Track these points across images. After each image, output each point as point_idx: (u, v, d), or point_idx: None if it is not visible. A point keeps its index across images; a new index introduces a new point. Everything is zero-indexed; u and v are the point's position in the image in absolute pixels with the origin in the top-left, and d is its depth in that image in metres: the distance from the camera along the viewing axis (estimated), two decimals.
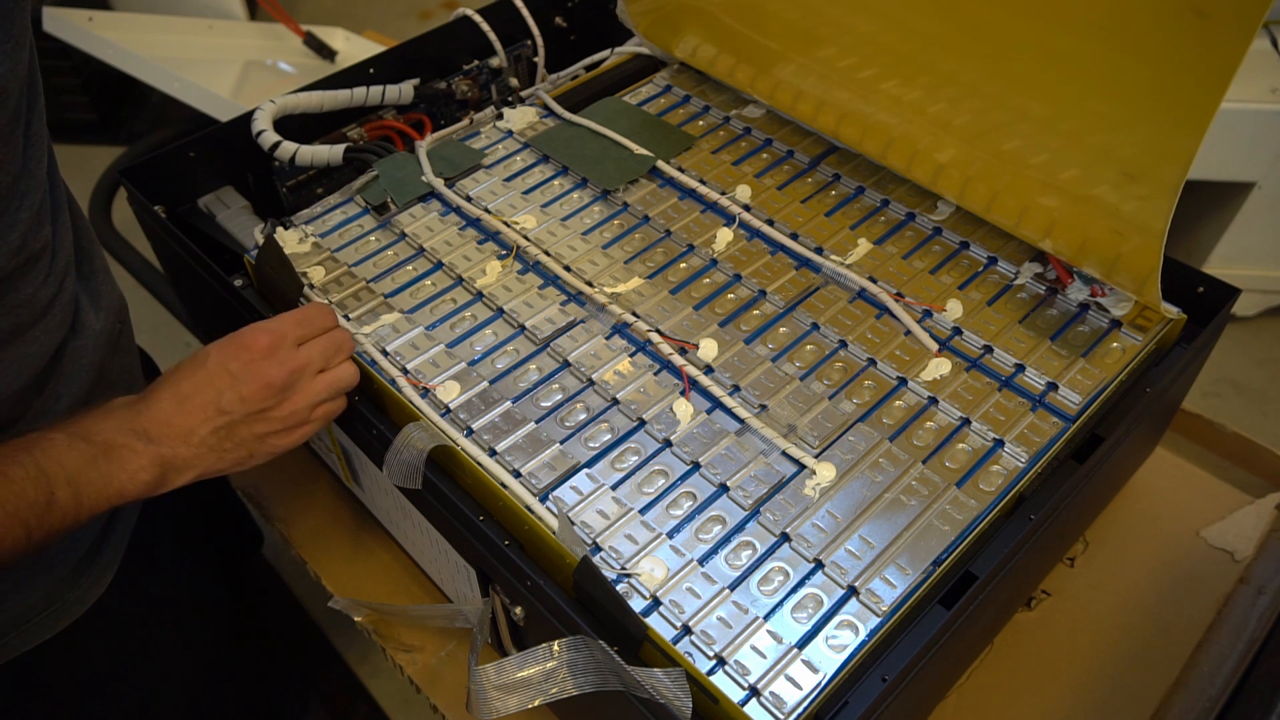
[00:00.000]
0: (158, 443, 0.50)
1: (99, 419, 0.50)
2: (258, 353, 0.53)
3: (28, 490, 0.45)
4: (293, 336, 0.55)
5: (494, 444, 0.57)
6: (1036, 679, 0.66)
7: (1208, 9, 0.47)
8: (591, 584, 0.49)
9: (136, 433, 0.50)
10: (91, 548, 0.61)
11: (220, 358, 0.53)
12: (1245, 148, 1.41)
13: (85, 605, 0.61)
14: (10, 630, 0.58)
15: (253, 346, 0.53)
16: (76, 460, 0.47)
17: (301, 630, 1.27)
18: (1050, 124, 0.59)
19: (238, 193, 0.80)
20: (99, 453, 0.48)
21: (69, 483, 0.46)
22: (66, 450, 0.47)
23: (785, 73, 0.75)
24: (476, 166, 0.76)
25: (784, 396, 0.60)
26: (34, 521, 0.45)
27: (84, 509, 0.48)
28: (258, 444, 0.54)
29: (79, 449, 0.48)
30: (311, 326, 0.56)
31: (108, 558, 0.63)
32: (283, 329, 0.55)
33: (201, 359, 0.54)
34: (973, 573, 0.52)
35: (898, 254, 0.68)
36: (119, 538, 0.64)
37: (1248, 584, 0.70)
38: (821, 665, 0.48)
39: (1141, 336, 0.62)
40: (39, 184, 0.51)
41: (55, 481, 0.46)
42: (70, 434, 0.48)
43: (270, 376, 0.53)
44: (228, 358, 0.53)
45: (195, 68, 1.45)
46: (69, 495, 0.46)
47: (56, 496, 0.46)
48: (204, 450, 0.52)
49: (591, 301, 0.66)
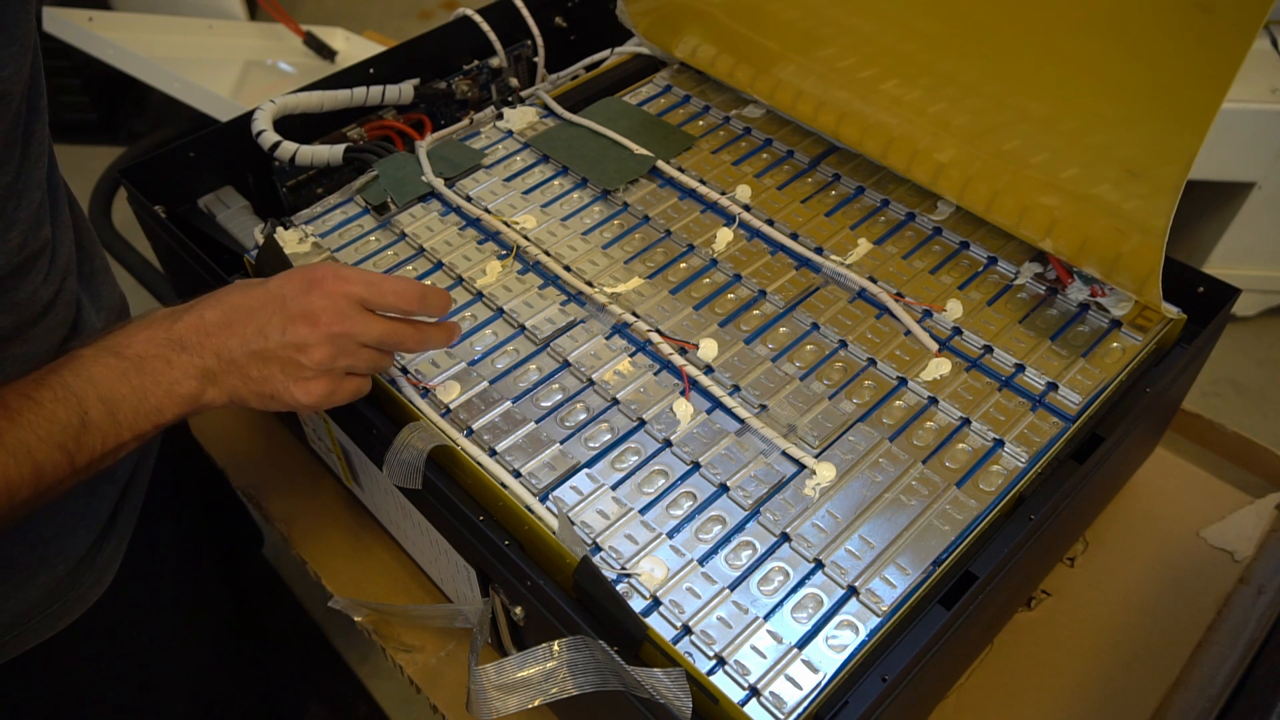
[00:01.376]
0: (193, 352, 0.48)
1: (132, 331, 0.47)
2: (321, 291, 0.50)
3: (58, 411, 0.43)
4: (360, 295, 0.51)
5: (494, 444, 0.57)
6: (1036, 679, 0.66)
7: (1212, 3, 0.47)
8: (591, 584, 0.49)
9: (171, 342, 0.47)
10: (92, 546, 0.61)
11: (280, 283, 0.50)
12: (1245, 148, 1.42)
13: (86, 604, 0.61)
14: (12, 629, 0.58)
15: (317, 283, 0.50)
16: (107, 376, 0.45)
17: (301, 630, 1.27)
18: (1051, 123, 0.59)
19: (238, 193, 0.80)
20: (130, 366, 0.46)
21: (101, 400, 0.44)
22: (94, 365, 0.45)
23: (785, 73, 0.75)
24: (476, 166, 0.76)
25: (784, 396, 0.60)
26: (71, 444, 0.43)
27: (124, 428, 0.45)
28: (281, 385, 0.50)
29: (108, 363, 0.45)
30: (382, 298, 0.52)
31: (108, 556, 0.62)
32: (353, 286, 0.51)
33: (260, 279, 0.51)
34: (973, 573, 0.52)
35: (898, 254, 0.68)
36: (120, 536, 0.64)
37: (1248, 584, 0.70)
38: (821, 665, 0.48)
39: (1141, 336, 0.62)
40: (38, 183, 0.51)
41: (86, 400, 0.44)
42: (99, 348, 0.46)
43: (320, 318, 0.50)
44: (288, 286, 0.50)
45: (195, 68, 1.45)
46: (103, 414, 0.44)
47: (90, 416, 0.44)
48: (234, 370, 0.49)
49: (591, 301, 0.66)
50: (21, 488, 0.41)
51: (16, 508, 0.42)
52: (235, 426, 0.86)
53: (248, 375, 0.49)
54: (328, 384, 0.51)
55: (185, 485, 0.79)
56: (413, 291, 0.53)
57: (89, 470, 0.45)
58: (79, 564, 0.60)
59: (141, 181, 0.75)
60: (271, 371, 0.50)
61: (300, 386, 0.51)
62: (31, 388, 0.43)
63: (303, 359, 0.50)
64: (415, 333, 0.54)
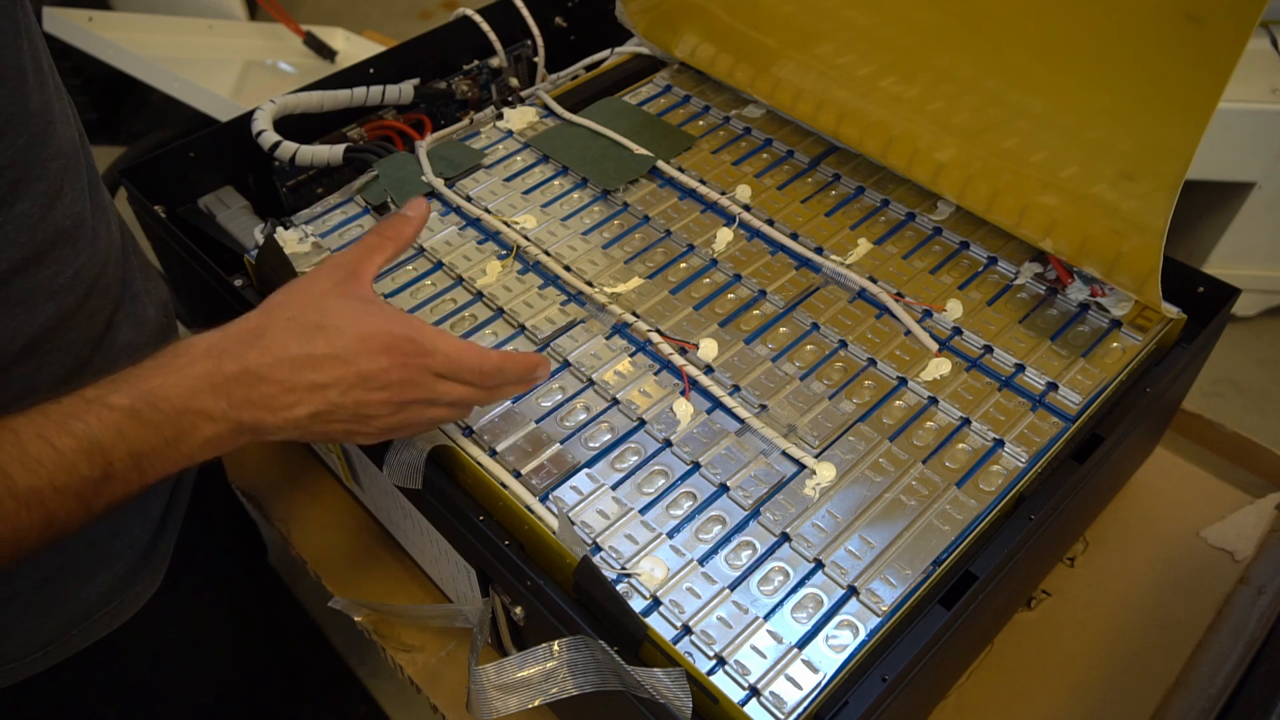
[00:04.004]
0: (240, 409, 0.44)
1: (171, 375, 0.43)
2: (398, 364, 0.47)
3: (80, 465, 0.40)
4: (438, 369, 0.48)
5: (494, 444, 0.57)
6: (1036, 679, 0.66)
7: (1201, 14, 0.47)
8: (591, 584, 0.49)
9: (215, 393, 0.43)
10: (149, 544, 0.61)
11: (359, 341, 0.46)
12: (1245, 148, 1.42)
13: (141, 602, 0.62)
14: (70, 628, 0.58)
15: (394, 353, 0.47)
16: (139, 430, 0.42)
17: (302, 630, 1.27)
18: (1049, 119, 0.59)
19: (238, 193, 0.80)
20: (165, 420, 0.42)
21: (130, 454, 0.42)
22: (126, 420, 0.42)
23: (784, 71, 0.75)
24: (476, 166, 0.76)
25: (784, 396, 0.60)
26: (90, 494, 0.41)
27: (149, 475, 0.43)
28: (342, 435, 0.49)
29: (143, 416, 0.42)
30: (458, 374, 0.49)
31: (161, 554, 0.63)
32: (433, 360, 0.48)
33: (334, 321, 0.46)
34: (973, 573, 0.52)
35: (898, 254, 0.68)
36: (171, 534, 0.64)
37: (1248, 584, 0.70)
38: (821, 665, 0.48)
39: (1141, 336, 0.62)
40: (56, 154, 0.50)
41: (113, 454, 0.41)
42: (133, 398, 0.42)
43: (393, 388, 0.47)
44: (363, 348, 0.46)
45: (195, 68, 1.45)
46: (129, 465, 0.42)
47: (114, 468, 0.41)
48: (291, 426, 0.46)
49: (591, 301, 0.66)
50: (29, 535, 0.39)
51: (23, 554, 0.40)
52: None
53: (308, 431, 0.47)
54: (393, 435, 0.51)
55: (221, 487, 0.80)
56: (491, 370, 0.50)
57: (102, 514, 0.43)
58: (136, 562, 0.61)
59: (141, 181, 0.75)
60: (333, 430, 0.48)
61: (361, 439, 0.50)
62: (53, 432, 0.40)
63: (369, 423, 0.48)
64: (488, 396, 0.52)
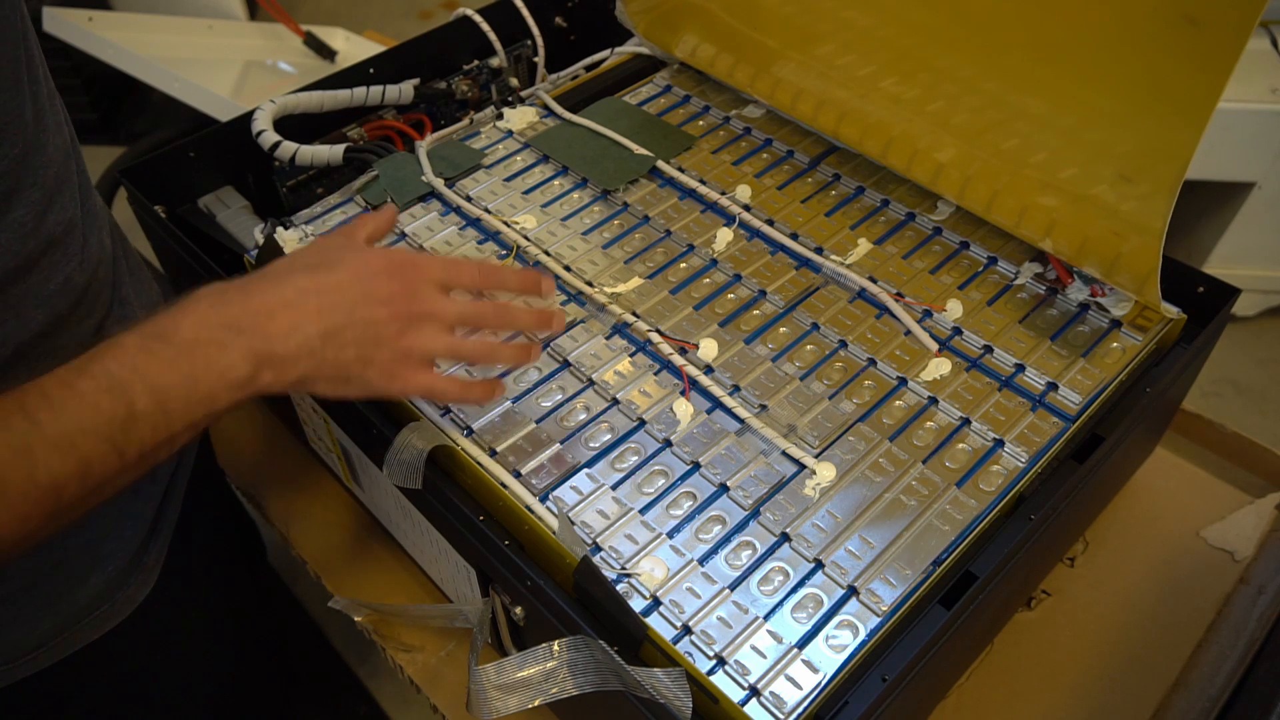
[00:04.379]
0: (250, 335, 0.44)
1: (178, 314, 0.44)
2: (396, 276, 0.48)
3: (102, 402, 0.40)
4: (438, 277, 0.50)
5: (494, 444, 0.57)
6: (1036, 679, 0.66)
7: (1199, 17, 0.47)
8: (591, 584, 0.49)
9: (225, 325, 0.44)
10: (141, 545, 0.61)
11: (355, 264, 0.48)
12: (1245, 148, 1.42)
13: (133, 605, 0.62)
14: (63, 630, 0.58)
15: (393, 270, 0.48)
16: (154, 364, 0.42)
17: (302, 630, 1.27)
18: (1048, 120, 0.59)
19: (238, 193, 0.80)
20: (179, 352, 0.42)
21: (149, 391, 0.41)
22: (140, 354, 0.42)
23: (784, 71, 0.75)
24: (476, 166, 0.76)
25: (784, 396, 0.60)
26: (119, 437, 0.40)
27: (175, 418, 0.42)
28: (359, 368, 0.48)
29: (155, 351, 0.42)
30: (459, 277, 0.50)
31: (154, 556, 0.63)
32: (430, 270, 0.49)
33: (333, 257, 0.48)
34: (973, 573, 0.52)
35: (898, 254, 0.68)
36: (164, 536, 0.64)
37: (1248, 584, 0.70)
38: (821, 665, 0.48)
39: (1141, 336, 0.62)
40: (52, 163, 0.50)
41: (132, 390, 0.41)
42: (144, 335, 0.43)
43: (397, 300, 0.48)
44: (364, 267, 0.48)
45: (195, 68, 1.44)
46: (151, 404, 0.41)
47: (137, 407, 0.41)
48: (305, 352, 0.46)
49: (591, 301, 0.66)
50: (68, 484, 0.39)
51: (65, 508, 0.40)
52: (235, 427, 0.86)
53: (322, 358, 0.47)
54: (405, 369, 0.49)
55: (216, 488, 0.80)
56: (490, 269, 0.52)
57: (140, 465, 0.42)
58: (128, 564, 0.60)
59: (141, 181, 0.75)
60: (346, 356, 0.47)
61: (375, 371, 0.48)
62: (73, 376, 0.40)
63: (380, 346, 0.48)
64: (497, 312, 0.52)
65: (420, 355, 0.49)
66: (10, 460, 0.38)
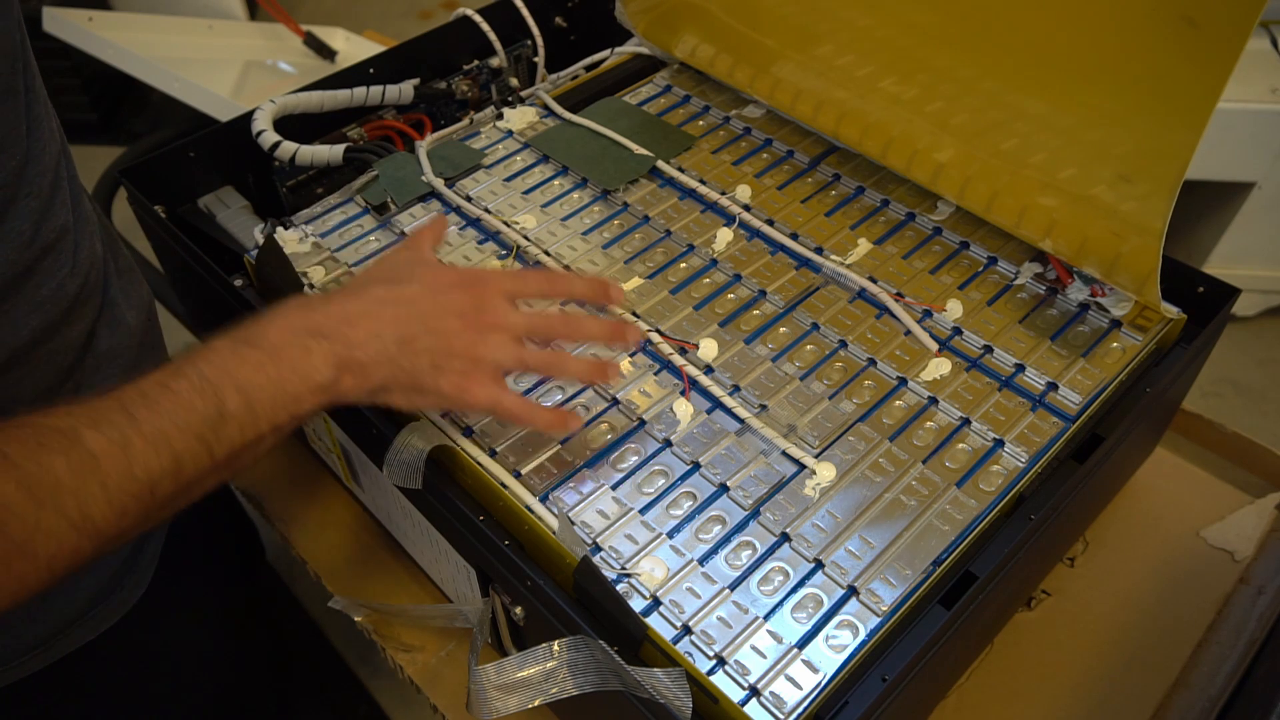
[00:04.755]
0: (333, 340, 0.47)
1: (265, 322, 0.47)
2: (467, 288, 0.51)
3: (195, 401, 0.42)
4: (507, 289, 0.52)
5: (494, 444, 0.57)
6: (1036, 679, 0.66)
7: (1198, 18, 0.47)
8: (591, 584, 0.49)
9: (309, 331, 0.47)
10: (134, 548, 0.61)
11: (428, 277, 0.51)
12: (1245, 148, 1.42)
13: (128, 606, 0.62)
14: (57, 633, 0.58)
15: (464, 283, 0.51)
16: (243, 366, 0.44)
17: (301, 630, 1.27)
18: (1048, 121, 0.59)
19: (238, 193, 0.80)
20: (266, 356, 0.45)
21: (238, 391, 0.43)
22: (230, 356, 0.44)
23: (784, 71, 0.75)
24: (476, 166, 0.76)
25: (784, 396, 0.60)
26: (210, 435, 0.42)
27: (261, 419, 0.44)
28: (432, 378, 0.50)
29: (244, 354, 0.44)
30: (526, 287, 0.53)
31: (148, 558, 0.63)
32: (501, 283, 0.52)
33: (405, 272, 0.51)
34: (973, 573, 0.52)
35: (898, 254, 0.68)
36: (157, 538, 0.64)
37: (1248, 584, 0.70)
38: (821, 665, 0.48)
39: (1141, 336, 0.62)
40: (47, 171, 0.50)
41: (223, 390, 0.43)
42: (234, 339, 0.45)
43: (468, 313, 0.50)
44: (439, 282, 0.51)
45: (195, 68, 1.44)
46: (240, 404, 0.43)
47: (227, 406, 0.43)
48: (384, 358, 0.48)
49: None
50: (163, 480, 0.41)
51: (161, 503, 0.41)
52: None
53: (398, 365, 0.49)
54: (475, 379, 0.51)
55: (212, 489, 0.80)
56: (556, 275, 0.55)
57: (229, 466, 0.44)
58: (122, 566, 0.61)
59: (141, 181, 0.75)
60: (421, 364, 0.49)
61: (447, 379, 0.50)
62: (168, 377, 0.42)
63: (453, 350, 0.50)
64: (565, 322, 0.55)
65: (490, 365, 0.51)
66: (111, 454, 0.39)
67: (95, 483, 0.38)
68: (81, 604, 0.59)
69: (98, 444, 0.39)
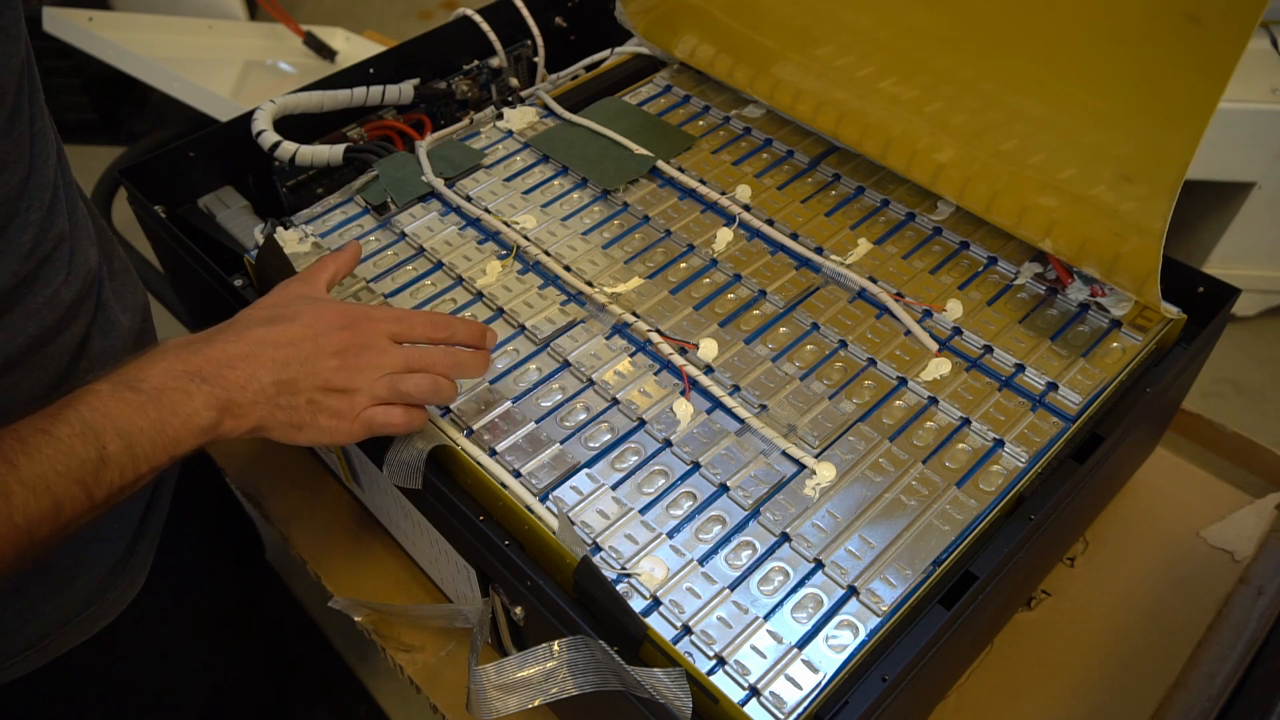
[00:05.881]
0: (213, 383, 0.47)
1: (146, 364, 0.47)
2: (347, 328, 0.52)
3: (76, 447, 0.42)
4: (390, 330, 0.53)
5: (494, 444, 0.57)
6: (1036, 679, 0.66)
7: (1201, 15, 0.47)
8: (591, 584, 0.49)
9: (189, 374, 0.47)
10: (127, 548, 0.61)
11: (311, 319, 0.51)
12: (1245, 148, 1.41)
13: (121, 606, 0.62)
14: (51, 632, 0.58)
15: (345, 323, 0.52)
16: (124, 410, 0.44)
17: (301, 630, 1.27)
18: (1047, 122, 0.59)
19: (238, 193, 0.80)
20: (147, 400, 0.45)
21: (119, 435, 0.44)
22: (112, 401, 0.45)
23: (784, 72, 0.75)
24: (476, 166, 0.76)
25: (784, 396, 0.60)
26: (90, 479, 0.43)
27: (141, 461, 0.45)
28: (310, 415, 0.51)
29: (125, 398, 0.45)
30: (411, 330, 0.54)
31: (141, 558, 0.63)
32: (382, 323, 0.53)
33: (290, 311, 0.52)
34: (973, 573, 0.52)
35: (898, 254, 0.68)
36: (151, 538, 0.64)
37: (1248, 584, 0.70)
38: (821, 665, 0.48)
39: (1141, 336, 0.62)
40: (47, 183, 0.51)
41: (104, 435, 0.43)
42: (115, 383, 0.46)
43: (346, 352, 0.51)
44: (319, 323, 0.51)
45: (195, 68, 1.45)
46: (121, 448, 0.44)
47: (108, 450, 0.43)
48: (261, 400, 0.49)
49: (591, 301, 0.66)
50: (41, 524, 0.41)
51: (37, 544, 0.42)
52: None
53: (276, 404, 0.49)
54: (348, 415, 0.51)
55: (206, 489, 0.80)
56: (440, 320, 0.55)
57: (106, 505, 0.44)
58: (115, 566, 0.61)
59: (141, 181, 0.75)
60: (298, 403, 0.50)
61: (325, 416, 0.51)
62: (48, 423, 0.43)
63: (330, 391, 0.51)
64: (445, 357, 0.54)
65: (366, 396, 0.52)
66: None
67: None
68: (76, 604, 0.59)
69: None
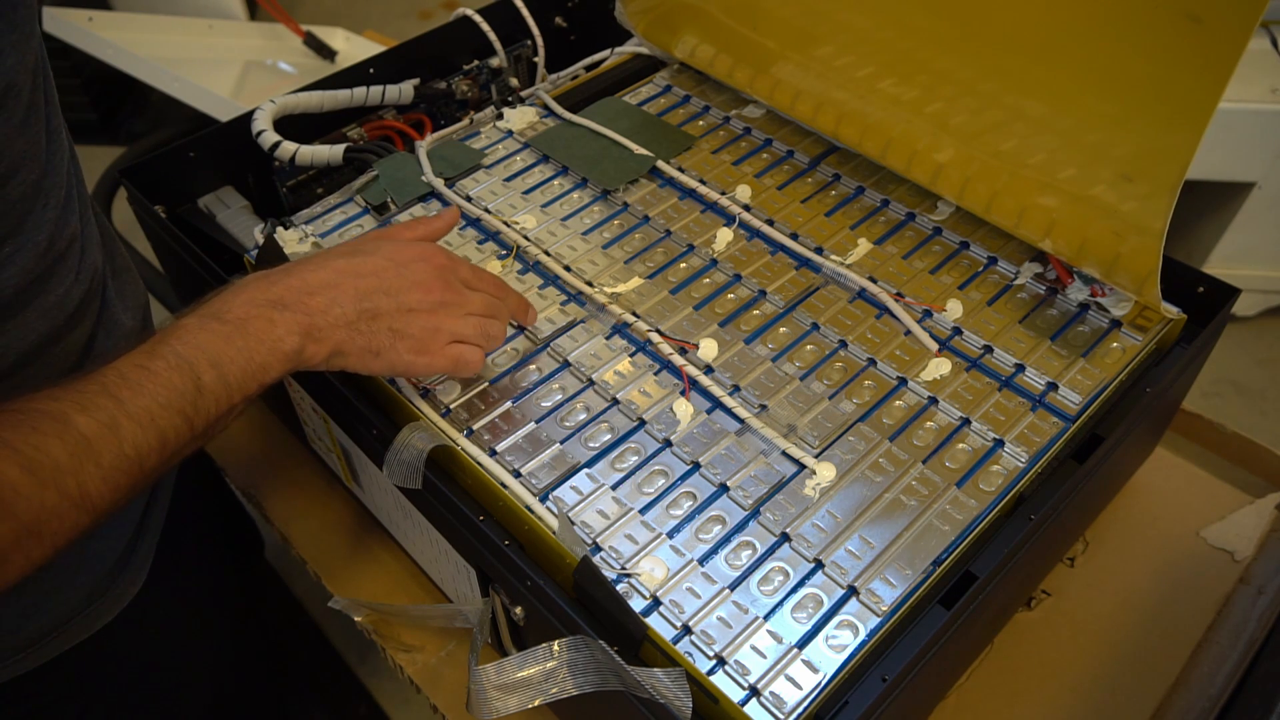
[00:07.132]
0: (294, 310, 0.49)
1: (230, 296, 0.49)
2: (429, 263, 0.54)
3: (174, 379, 0.44)
4: (464, 276, 0.56)
5: (494, 444, 0.57)
6: (1036, 679, 0.66)
7: (1201, 14, 0.47)
8: (591, 584, 0.49)
9: (271, 303, 0.49)
10: (127, 547, 0.62)
11: (391, 251, 0.54)
12: (1245, 148, 1.42)
13: (122, 604, 0.62)
14: (52, 630, 0.58)
15: (427, 257, 0.55)
16: (213, 340, 0.46)
17: (301, 630, 1.27)
18: (1047, 122, 0.59)
19: (238, 193, 0.80)
20: (234, 329, 0.47)
21: (212, 365, 0.46)
22: (201, 333, 0.46)
23: (784, 72, 0.75)
24: (476, 166, 0.76)
25: (784, 396, 0.60)
26: (190, 409, 0.44)
27: (234, 390, 0.47)
28: (390, 341, 0.52)
29: (213, 329, 0.47)
30: (482, 282, 0.58)
31: (142, 555, 0.63)
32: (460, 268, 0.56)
33: (370, 247, 0.54)
34: (973, 573, 0.52)
35: (898, 254, 0.68)
36: (151, 536, 0.64)
37: (1248, 584, 0.70)
38: (821, 665, 0.48)
39: (1141, 336, 0.62)
40: (61, 181, 0.51)
41: (198, 366, 0.45)
42: (202, 316, 0.48)
43: (431, 286, 0.54)
44: (400, 254, 0.54)
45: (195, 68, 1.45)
46: (214, 378, 0.46)
47: (203, 380, 0.45)
48: (342, 325, 0.51)
49: (591, 301, 0.66)
50: (150, 455, 0.43)
51: (147, 475, 0.44)
52: (235, 427, 0.86)
53: (356, 329, 0.51)
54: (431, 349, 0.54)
55: (205, 487, 0.80)
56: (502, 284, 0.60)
57: (206, 435, 0.46)
58: (115, 564, 0.61)
59: (141, 181, 0.75)
60: (378, 328, 0.52)
61: (405, 344, 0.53)
62: (145, 359, 0.44)
63: (411, 319, 0.53)
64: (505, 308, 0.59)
65: (447, 334, 0.54)
66: (102, 435, 0.41)
67: (91, 463, 0.40)
68: (76, 601, 0.59)
69: (89, 427, 0.41)
